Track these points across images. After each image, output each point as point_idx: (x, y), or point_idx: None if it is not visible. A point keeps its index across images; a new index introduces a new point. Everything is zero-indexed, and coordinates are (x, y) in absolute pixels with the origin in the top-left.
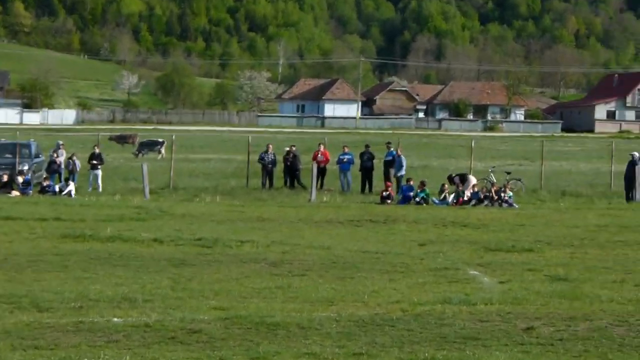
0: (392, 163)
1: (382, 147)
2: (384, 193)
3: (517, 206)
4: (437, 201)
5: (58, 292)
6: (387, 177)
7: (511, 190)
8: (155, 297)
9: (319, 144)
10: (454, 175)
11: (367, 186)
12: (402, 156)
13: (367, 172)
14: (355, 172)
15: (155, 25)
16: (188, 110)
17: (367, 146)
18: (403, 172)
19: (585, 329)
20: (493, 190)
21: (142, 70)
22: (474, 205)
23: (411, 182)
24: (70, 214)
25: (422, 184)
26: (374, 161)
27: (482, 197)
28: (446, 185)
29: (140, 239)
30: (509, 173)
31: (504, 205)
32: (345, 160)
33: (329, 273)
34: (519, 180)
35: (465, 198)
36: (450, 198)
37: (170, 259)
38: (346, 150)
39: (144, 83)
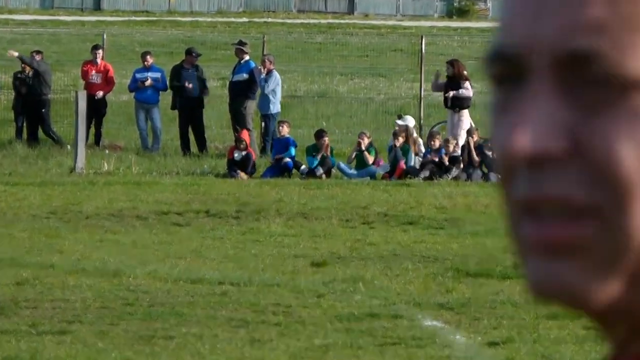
0: (248, 87)
1: (226, 56)
2: (234, 153)
3: None
4: (348, 169)
5: None
6: (239, 120)
7: None
8: None
9: (95, 50)
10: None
11: (194, 139)
12: (273, 71)
13: (192, 108)
14: (165, 107)
15: None
16: None
17: (191, 53)
18: (276, 109)
19: None
20: (470, 145)
21: None
22: (427, 177)
23: (285, 131)
24: None
25: (320, 134)
26: (209, 85)
27: (444, 159)
28: (365, 138)
29: None
30: None
31: (490, 175)
32: (146, 82)
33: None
34: None
35: (411, 162)
36: (379, 164)
37: None
38: (149, 62)
39: None
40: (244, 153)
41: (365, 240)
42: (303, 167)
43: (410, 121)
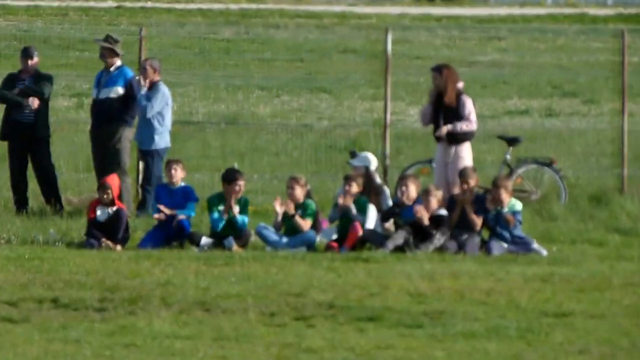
0: (124, 108)
1: (83, 59)
2: (97, 210)
3: (538, 248)
4: (274, 235)
5: None
6: (107, 158)
7: (524, 193)
8: None
9: None
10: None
11: (39, 187)
12: (159, 84)
13: (32, 139)
14: None
15: None
16: None
17: (29, 55)
18: (164, 142)
19: None
20: (465, 196)
21: None
22: (398, 247)
23: (178, 177)
24: None
25: (230, 176)
26: (56, 104)
27: (423, 219)
28: (298, 187)
29: None
30: (512, 141)
31: (500, 247)
32: None
33: None
34: (550, 165)
35: (371, 224)
36: (322, 227)
37: None
38: None
39: None
40: (111, 210)
41: (300, 346)
42: (204, 240)
43: (371, 161)
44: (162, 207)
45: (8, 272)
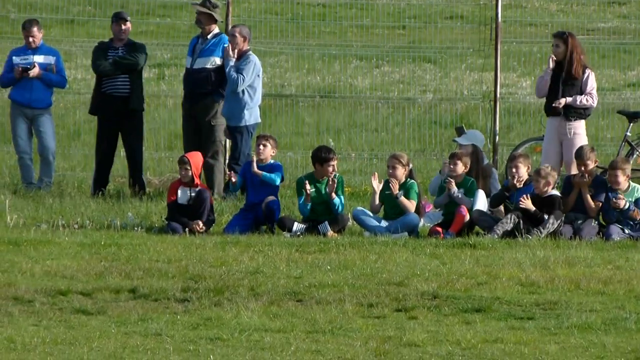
0: (219, 81)
1: (165, 26)
2: (178, 192)
3: None
4: (372, 219)
5: None
6: (203, 136)
7: None
8: None
9: None
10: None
11: (128, 168)
12: (250, 54)
13: (123, 115)
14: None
15: None
16: None
17: (121, 19)
18: (253, 117)
19: None
20: (581, 177)
21: None
22: (507, 232)
23: (267, 153)
24: None
25: (323, 156)
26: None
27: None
28: (399, 167)
29: None
30: (634, 117)
31: (620, 232)
32: (31, 72)
33: None
34: None
35: (480, 206)
36: (426, 210)
37: None
38: (36, 37)
39: None
40: (193, 191)
41: (401, 339)
42: (297, 226)
43: (478, 138)
44: (232, 174)
45: (82, 259)
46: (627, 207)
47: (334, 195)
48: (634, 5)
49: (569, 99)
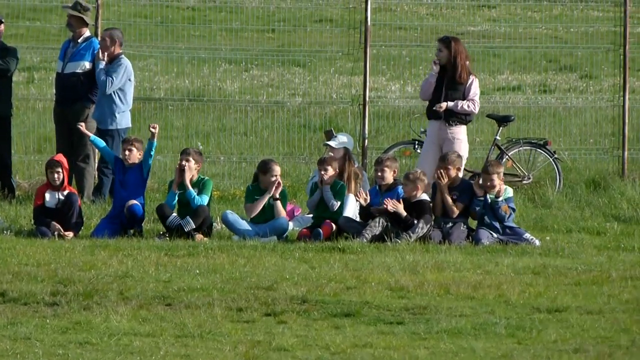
0: (89, 85)
1: (36, 29)
2: (45, 194)
3: (531, 238)
4: (241, 222)
5: None
6: (74, 140)
7: (515, 178)
8: None
9: None
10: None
11: None
12: (121, 57)
13: None
14: None
15: None
16: None
17: None
18: (125, 121)
19: None
20: (445, 179)
21: None
22: (376, 236)
23: (134, 156)
24: None
25: (189, 152)
26: None
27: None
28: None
29: None
30: (503, 120)
31: (489, 237)
32: None
33: None
34: (544, 147)
35: (349, 211)
36: (294, 214)
37: None
38: None
39: None
40: (61, 194)
41: (271, 344)
42: (173, 216)
43: (348, 141)
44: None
45: None
46: (502, 204)
47: (189, 185)
48: (503, 9)
49: (451, 104)
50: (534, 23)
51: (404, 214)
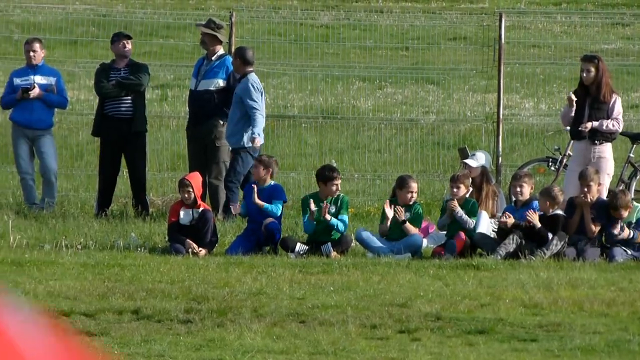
0: (224, 102)
1: (169, 47)
2: (180, 212)
3: None
4: (376, 240)
5: None
6: (208, 157)
7: None
8: None
9: None
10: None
11: (131, 188)
12: (251, 74)
13: (127, 135)
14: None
15: None
16: None
17: (123, 38)
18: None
19: None
20: (586, 198)
21: None
22: (511, 254)
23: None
24: None
25: (327, 175)
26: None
27: (535, 222)
28: (407, 188)
29: None
30: (637, 138)
31: (623, 254)
32: (32, 92)
33: None
34: None
35: (483, 228)
36: (429, 231)
37: None
38: (38, 55)
39: None
40: (195, 212)
41: None
42: (299, 246)
43: (486, 159)
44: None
45: (85, 280)
46: (630, 236)
47: (328, 217)
48: (637, 27)
49: (595, 124)
50: None
51: (539, 224)
